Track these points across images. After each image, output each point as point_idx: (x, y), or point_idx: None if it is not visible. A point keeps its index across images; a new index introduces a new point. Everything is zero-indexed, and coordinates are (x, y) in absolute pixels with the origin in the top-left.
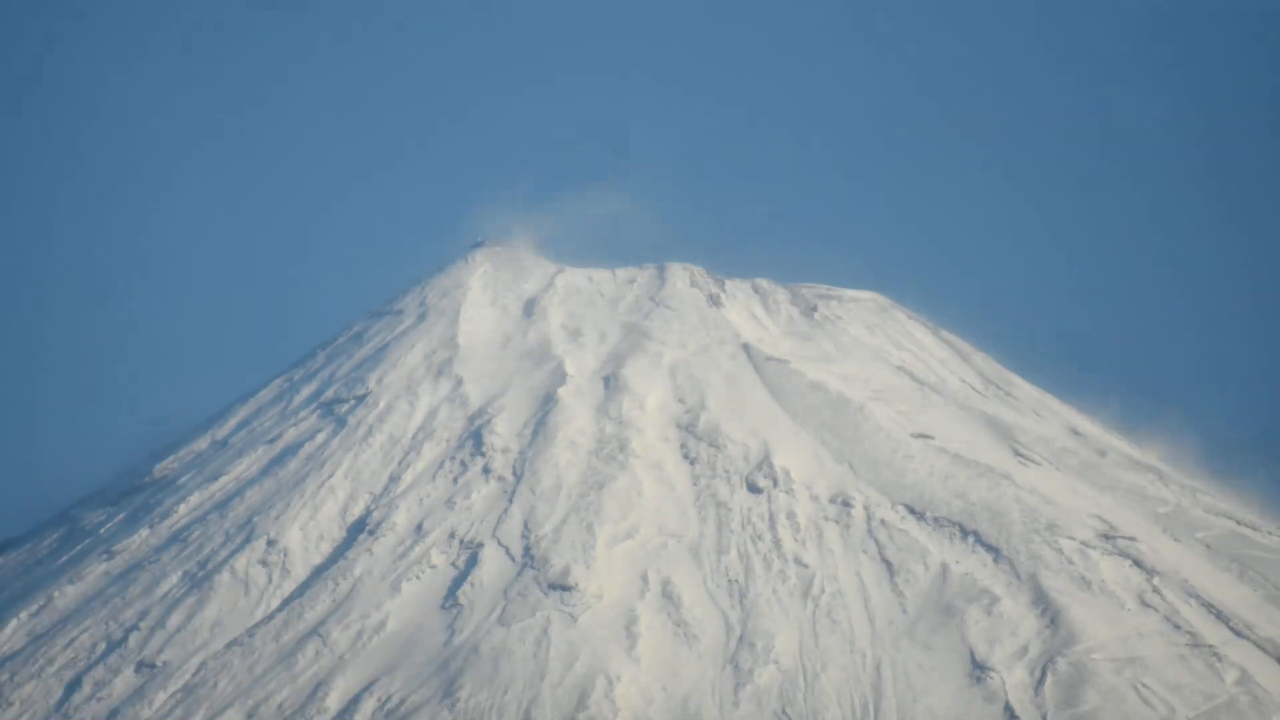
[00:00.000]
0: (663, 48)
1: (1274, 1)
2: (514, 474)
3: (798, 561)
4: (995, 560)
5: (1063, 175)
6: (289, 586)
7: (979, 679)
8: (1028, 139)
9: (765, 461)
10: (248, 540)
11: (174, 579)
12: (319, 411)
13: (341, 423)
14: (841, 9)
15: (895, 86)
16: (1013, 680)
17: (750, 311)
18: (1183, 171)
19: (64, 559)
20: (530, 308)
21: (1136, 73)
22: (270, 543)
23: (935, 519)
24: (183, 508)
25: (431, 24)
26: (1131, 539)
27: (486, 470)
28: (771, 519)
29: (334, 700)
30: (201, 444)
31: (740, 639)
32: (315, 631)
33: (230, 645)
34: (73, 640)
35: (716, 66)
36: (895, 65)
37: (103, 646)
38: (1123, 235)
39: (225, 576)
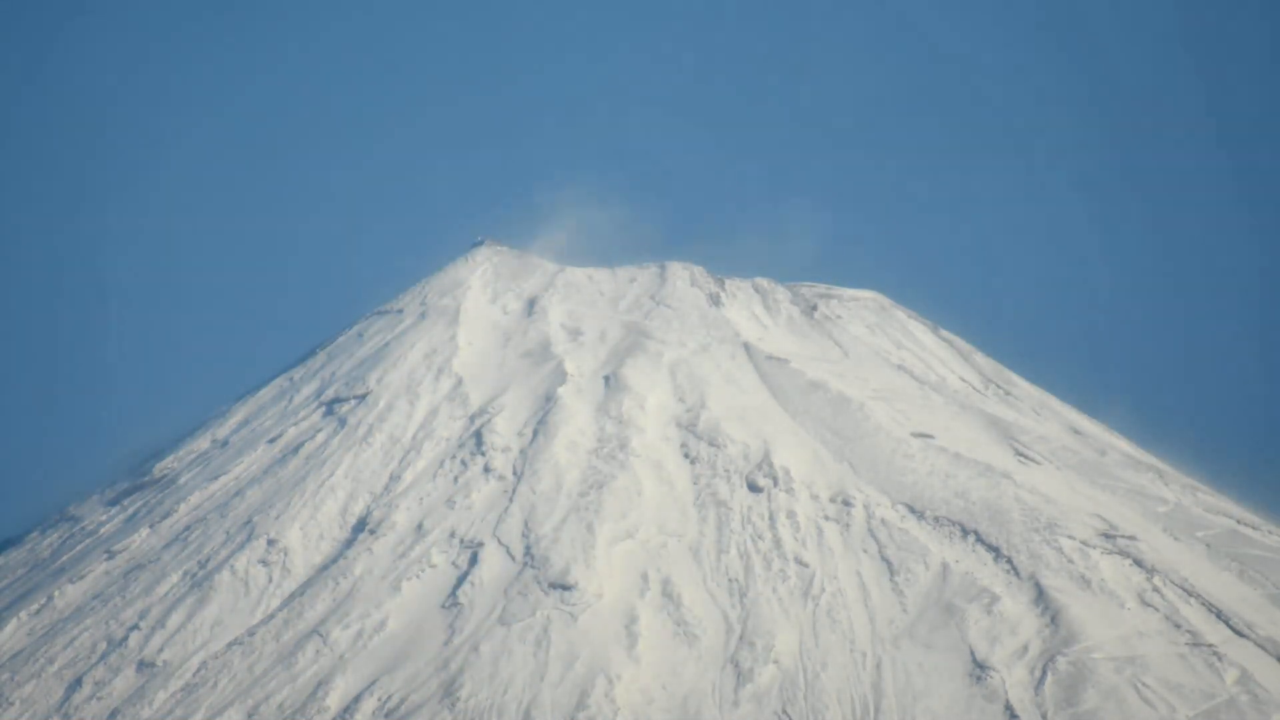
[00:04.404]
0: (663, 46)
1: (1273, 2)
2: (514, 473)
3: (798, 561)
4: (995, 559)
5: (1063, 174)
6: (289, 586)
7: (979, 678)
8: (1028, 138)
9: (765, 461)
10: (248, 540)
11: (174, 578)
12: (319, 411)
13: (342, 422)
14: (842, 9)
15: (895, 85)
16: (1013, 679)
17: (750, 311)
18: (1183, 170)
19: (64, 559)
20: (530, 307)
21: (1137, 72)
22: (270, 542)
23: (935, 518)
24: (183, 507)
25: (433, 22)
26: (1132, 538)
27: (487, 469)
28: (771, 518)
29: (334, 700)
30: (202, 443)
31: (740, 638)
32: (315, 631)
33: (230, 645)
34: (73, 640)
35: (717, 66)
36: (895, 64)
37: (103, 646)
38: (1123, 234)
39: (225, 576)
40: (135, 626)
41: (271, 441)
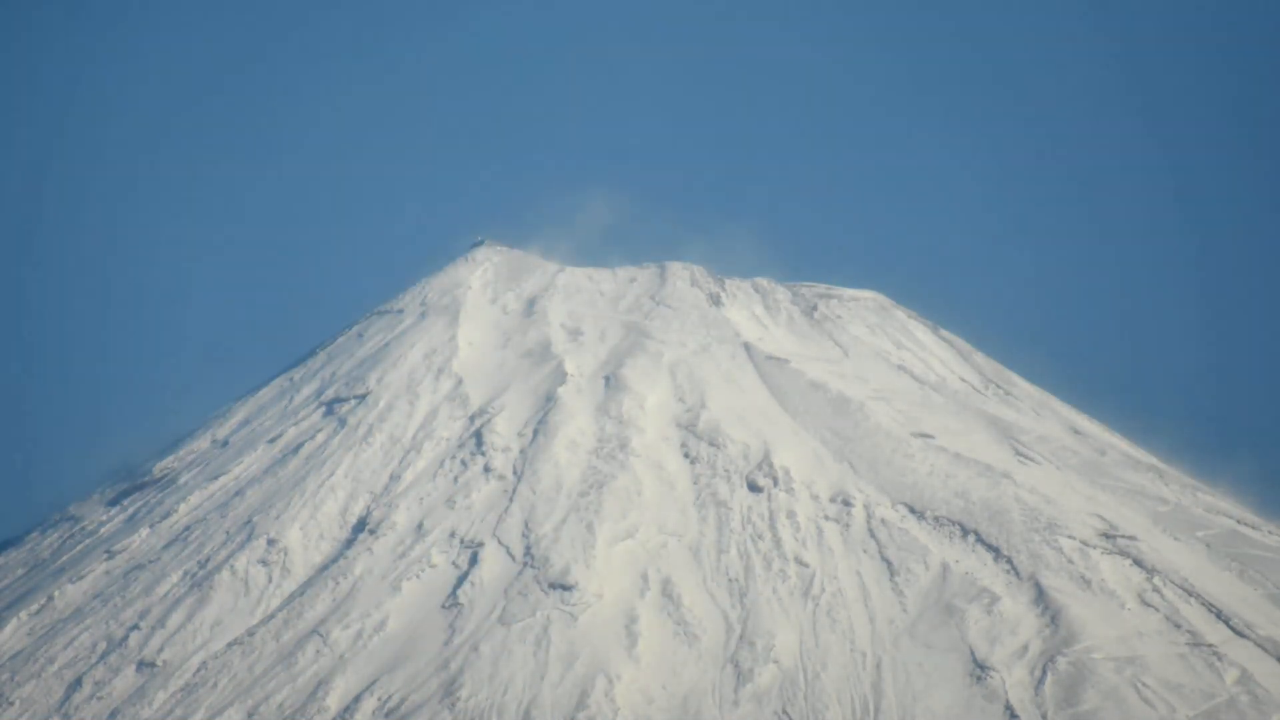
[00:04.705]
0: (663, 46)
1: (1274, 3)
2: (514, 473)
3: (798, 561)
4: (995, 559)
5: (1063, 174)
6: (289, 586)
7: (979, 678)
8: (1028, 138)
9: (765, 461)
10: (248, 540)
11: (174, 578)
12: (320, 411)
13: (342, 422)
14: (842, 9)
15: (895, 85)
16: (1013, 679)
17: (750, 311)
18: (1183, 170)
19: (64, 559)
20: (530, 307)
21: (1137, 72)
22: (270, 542)
23: (935, 518)
24: (183, 507)
25: (433, 23)
26: (1131, 538)
27: (487, 469)
28: (772, 518)
29: (334, 700)
30: (202, 443)
31: (740, 638)
32: (315, 631)
33: (230, 645)
34: (73, 640)
35: (716, 66)
36: (895, 64)
37: (103, 646)
38: (1123, 234)
39: (225, 576)
40: (135, 626)
41: (271, 441)
